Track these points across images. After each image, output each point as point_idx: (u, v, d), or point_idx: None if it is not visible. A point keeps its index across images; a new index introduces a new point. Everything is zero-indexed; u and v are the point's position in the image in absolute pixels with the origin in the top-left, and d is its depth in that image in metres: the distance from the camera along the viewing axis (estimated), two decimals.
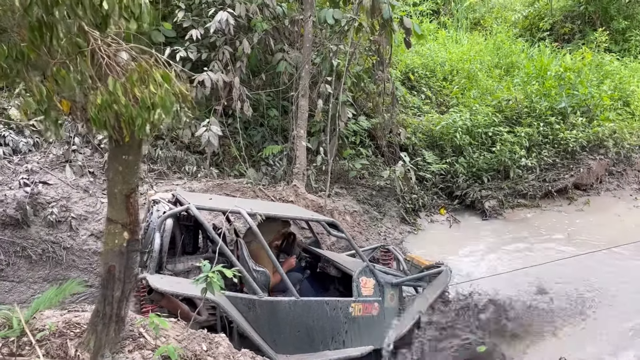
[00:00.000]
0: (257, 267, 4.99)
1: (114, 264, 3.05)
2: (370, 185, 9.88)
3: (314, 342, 5.13)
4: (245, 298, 4.78)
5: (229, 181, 8.41)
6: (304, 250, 6.61)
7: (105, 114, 2.26)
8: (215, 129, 7.89)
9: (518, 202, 10.23)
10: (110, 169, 2.88)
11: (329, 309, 5.22)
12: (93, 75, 2.25)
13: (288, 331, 4.95)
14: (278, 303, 4.92)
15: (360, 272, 5.49)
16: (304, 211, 6.28)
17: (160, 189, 7.77)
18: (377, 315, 5.57)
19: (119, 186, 2.88)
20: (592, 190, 10.59)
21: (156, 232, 4.69)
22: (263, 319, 4.79)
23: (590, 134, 10.63)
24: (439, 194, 10.54)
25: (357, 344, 5.38)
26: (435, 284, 6.15)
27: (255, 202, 6.93)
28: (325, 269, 6.23)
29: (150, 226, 5.00)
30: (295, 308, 4.97)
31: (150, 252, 4.64)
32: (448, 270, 6.29)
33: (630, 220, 9.44)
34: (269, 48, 8.54)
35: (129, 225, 3.00)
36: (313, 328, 5.11)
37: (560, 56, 14.15)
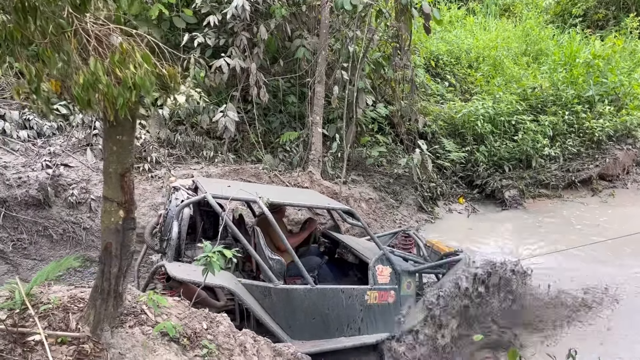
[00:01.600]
0: (273, 255, 5.08)
1: (110, 241, 3.15)
2: (388, 173, 9.85)
3: (329, 328, 5.20)
4: (261, 286, 4.87)
5: (245, 166, 8.51)
6: (323, 235, 6.66)
7: (88, 93, 2.34)
8: (232, 115, 7.98)
9: (539, 192, 10.05)
10: (105, 149, 2.97)
11: (345, 296, 5.27)
12: (76, 55, 2.32)
13: (303, 318, 5.03)
14: (293, 291, 4.98)
15: (376, 260, 5.51)
16: (321, 198, 6.28)
17: (178, 173, 7.93)
18: (393, 303, 5.59)
19: (113, 165, 2.97)
20: (618, 182, 10.30)
21: (174, 220, 4.79)
22: (278, 306, 4.88)
23: (618, 123, 10.32)
24: (459, 182, 10.43)
25: (373, 331, 5.43)
26: (453, 272, 6.10)
27: (272, 189, 6.99)
28: (343, 256, 6.27)
29: (169, 214, 5.10)
30: (310, 295, 5.04)
31: (169, 240, 4.75)
32: (466, 257, 6.22)
33: None
34: (287, 34, 8.55)
35: (124, 204, 3.09)
36: (328, 315, 5.18)
37: (591, 43, 13.73)
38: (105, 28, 2.44)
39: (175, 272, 4.40)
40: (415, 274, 5.95)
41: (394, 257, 5.81)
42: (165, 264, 4.58)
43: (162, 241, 5.11)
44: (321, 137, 8.56)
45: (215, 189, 5.06)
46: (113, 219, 3.10)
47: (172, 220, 4.83)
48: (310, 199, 5.99)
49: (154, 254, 5.52)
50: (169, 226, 4.93)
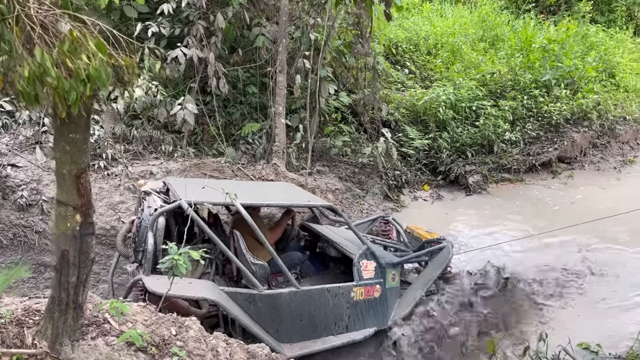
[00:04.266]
0: (256, 260, 4.93)
1: (67, 249, 2.89)
2: (352, 162, 9.73)
3: (317, 329, 5.14)
4: (245, 293, 4.76)
5: (206, 160, 8.22)
6: (302, 227, 6.51)
7: (35, 87, 2.07)
8: (191, 107, 7.67)
9: (502, 176, 10.15)
10: (56, 149, 2.69)
11: (331, 295, 5.20)
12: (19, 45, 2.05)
13: (290, 321, 4.96)
14: (279, 295, 4.89)
15: (360, 255, 5.43)
16: (299, 193, 6.14)
17: (136, 169, 7.58)
18: (379, 297, 5.54)
19: (67, 166, 2.70)
20: (576, 164, 10.53)
21: (149, 231, 4.55)
22: (264, 312, 4.77)
23: (575, 107, 10.53)
24: (423, 170, 10.41)
25: (360, 327, 5.41)
26: (437, 261, 6.07)
27: (247, 185, 6.76)
28: (325, 250, 6.15)
29: (142, 223, 4.84)
30: (296, 298, 4.96)
31: (145, 252, 4.51)
32: (450, 245, 6.20)
33: (613, 194, 9.39)
34: (245, 22, 8.26)
35: (81, 208, 2.83)
36: (315, 316, 5.12)
37: (544, 28, 13.97)
38: (52, 14, 2.17)
39: (154, 286, 4.18)
40: (399, 264, 5.89)
41: (377, 250, 5.73)
42: (142, 277, 4.35)
43: (137, 252, 4.85)
44: (285, 128, 8.35)
45: (189, 192, 4.83)
46: (69, 225, 2.83)
47: (147, 231, 4.59)
48: (288, 195, 5.82)
49: (128, 264, 5.24)
50: (143, 236, 4.69)
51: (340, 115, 9.79)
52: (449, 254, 6.07)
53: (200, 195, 4.78)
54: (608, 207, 8.53)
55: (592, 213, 8.20)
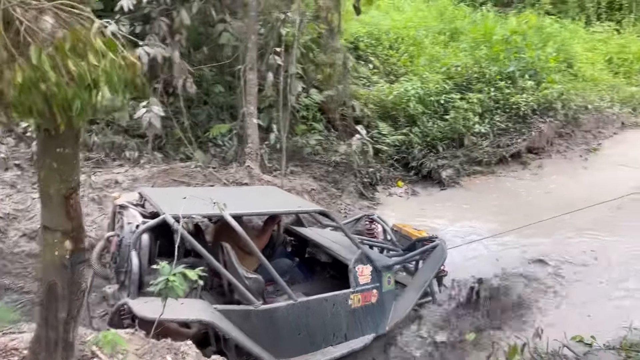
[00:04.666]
0: (249, 273, 4.59)
1: (55, 281, 2.47)
2: (325, 161, 9.46)
3: (316, 340, 4.87)
4: (240, 310, 4.43)
5: (175, 166, 7.75)
6: (287, 232, 6.17)
7: (30, 96, 1.69)
8: (157, 110, 7.18)
9: (474, 169, 10.12)
10: (41, 166, 2.28)
11: (329, 305, 4.93)
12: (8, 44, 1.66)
13: (288, 335, 4.67)
14: (276, 309, 4.59)
15: (356, 260, 5.15)
16: (289, 198, 5.82)
17: (100, 179, 7.04)
18: (376, 302, 5.29)
19: (55, 186, 2.29)
20: (544, 154, 10.63)
21: (132, 249, 4.14)
22: (261, 328, 4.46)
23: (540, 97, 10.62)
24: (395, 166, 10.26)
25: (359, 335, 5.16)
26: (431, 261, 5.86)
27: (230, 192, 6.34)
28: (315, 255, 5.84)
29: (123, 242, 4.39)
30: (293, 310, 4.66)
31: (129, 273, 4.11)
32: (443, 244, 5.99)
33: (582, 181, 9.53)
34: (211, 19, 7.83)
35: (72, 233, 2.42)
36: (314, 327, 4.84)
37: (503, 20, 14.11)
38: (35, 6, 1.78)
39: (143, 310, 3.78)
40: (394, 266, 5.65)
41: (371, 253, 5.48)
42: (128, 301, 3.91)
43: (119, 273, 4.41)
44: (257, 128, 7.98)
45: (171, 204, 4.45)
46: (58, 253, 2.42)
47: (130, 249, 4.17)
48: (276, 200, 5.49)
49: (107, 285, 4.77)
50: (125, 255, 4.26)
51: (311, 114, 9.49)
52: (443, 253, 5.88)
53: (184, 206, 4.39)
54: (580, 196, 8.61)
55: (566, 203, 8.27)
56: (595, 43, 14.22)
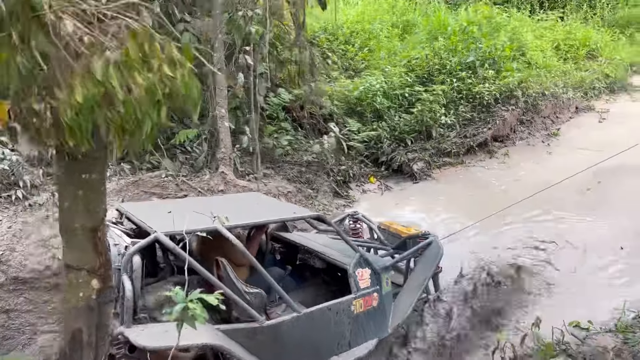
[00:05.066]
0: (249, 288, 4.27)
1: (79, 326, 2.12)
2: (296, 161, 9.19)
3: (321, 352, 4.64)
4: (244, 329, 4.12)
5: (143, 176, 7.27)
6: (273, 238, 5.86)
7: (91, 117, 1.36)
8: None
9: (443, 161, 10.12)
10: (63, 196, 1.92)
11: (332, 314, 4.70)
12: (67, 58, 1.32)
13: (293, 349, 4.40)
14: (281, 324, 4.30)
15: (355, 264, 4.94)
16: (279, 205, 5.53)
17: None
18: (377, 305, 5.10)
19: (80, 219, 1.95)
20: (508, 141, 10.78)
21: (123, 274, 3.75)
22: (266, 345, 4.17)
23: (501, 86, 10.75)
24: (365, 162, 10.11)
25: (362, 341, 4.95)
26: (427, 259, 5.70)
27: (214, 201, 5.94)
28: (308, 262, 5.57)
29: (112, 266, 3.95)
30: (298, 323, 4.39)
31: (120, 299, 3.71)
32: (437, 240, 5.84)
33: (548, 167, 9.73)
34: (173, 17, 7.38)
35: (99, 270, 2.07)
36: (318, 338, 4.61)
37: (454, 12, 14.26)
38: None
39: (142, 340, 3.40)
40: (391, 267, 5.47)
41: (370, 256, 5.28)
42: (123, 330, 3.53)
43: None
44: (229, 132, 7.60)
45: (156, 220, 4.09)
46: (83, 294, 2.08)
47: (119, 274, 3.77)
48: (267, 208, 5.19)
49: None
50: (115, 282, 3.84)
51: (279, 114, 9.19)
52: (439, 250, 5.74)
53: (172, 222, 4.06)
54: (548, 180, 8.74)
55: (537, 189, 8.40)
56: (542, 31, 14.60)
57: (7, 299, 5.69)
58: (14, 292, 5.72)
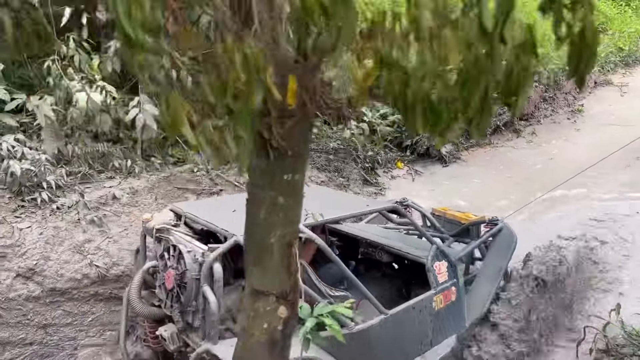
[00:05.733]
0: (335, 291, 3.91)
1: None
2: (322, 149, 8.73)
3: (406, 352, 4.33)
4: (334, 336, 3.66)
5: (173, 171, 6.75)
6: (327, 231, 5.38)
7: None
8: (151, 108, 6.16)
9: (471, 142, 9.76)
10: (258, 205, 1.46)
11: (416, 312, 4.37)
12: None
13: (381, 352, 4.08)
14: (370, 328, 3.94)
15: (433, 257, 4.57)
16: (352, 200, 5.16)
17: (92, 196, 5.94)
18: (455, 299, 4.76)
19: (278, 230, 1.49)
20: (533, 120, 10.48)
21: (204, 285, 3.41)
22: (356, 351, 3.82)
23: None
24: (389, 147, 9.69)
25: (443, 338, 4.67)
26: (499, 246, 5.31)
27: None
28: (373, 256, 5.16)
29: (187, 275, 3.50)
30: (386, 325, 4.03)
31: (200, 312, 3.43)
32: (508, 226, 5.46)
33: (581, 144, 9.45)
34: None
35: (289, 295, 1.62)
36: (403, 339, 4.28)
37: None
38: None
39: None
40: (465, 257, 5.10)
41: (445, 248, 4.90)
42: (210, 348, 3.16)
43: (185, 313, 3.55)
44: None
45: (231, 222, 3.77)
46: (268, 325, 1.62)
47: (197, 284, 3.38)
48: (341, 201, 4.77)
49: (162, 327, 3.87)
50: (191, 292, 3.39)
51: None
52: (512, 237, 5.37)
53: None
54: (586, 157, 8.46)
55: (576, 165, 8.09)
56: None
57: (44, 312, 5.19)
58: (51, 304, 5.23)
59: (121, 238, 5.71)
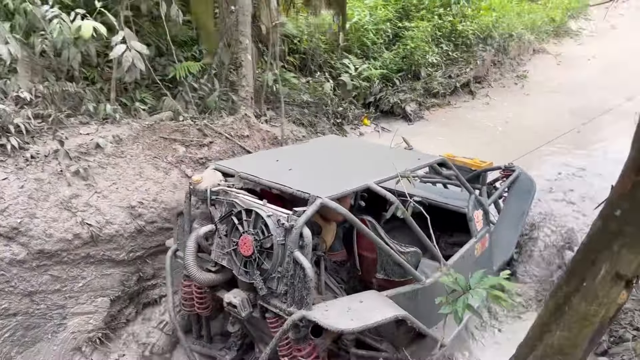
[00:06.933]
0: (405, 247, 3.76)
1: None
2: (294, 102, 8.32)
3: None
4: (408, 291, 3.71)
5: (154, 117, 6.07)
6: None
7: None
8: (140, 47, 5.41)
9: (432, 102, 9.86)
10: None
11: (465, 262, 4.38)
12: None
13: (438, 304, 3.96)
14: (436, 281, 3.88)
15: (472, 207, 4.60)
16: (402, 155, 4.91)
17: (71, 143, 5.13)
18: (488, 246, 4.87)
19: None
20: (485, 82, 10.79)
21: (295, 249, 3.13)
22: (423, 305, 3.81)
23: (482, 25, 10.59)
24: (354, 103, 9.50)
25: None
26: (518, 192, 5.38)
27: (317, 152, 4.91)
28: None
29: (272, 240, 3.17)
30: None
31: (289, 279, 3.18)
32: (525, 172, 5.54)
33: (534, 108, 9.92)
34: None
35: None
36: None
37: None
38: None
39: (336, 322, 3.04)
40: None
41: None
42: (306, 314, 3.08)
43: (270, 280, 3.23)
44: (253, 67, 6.54)
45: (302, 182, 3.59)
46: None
47: (285, 250, 3.19)
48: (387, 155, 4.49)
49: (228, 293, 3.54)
50: (277, 258, 3.17)
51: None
52: (532, 182, 5.49)
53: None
54: (543, 121, 8.95)
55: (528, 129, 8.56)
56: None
57: (29, 278, 4.48)
58: (38, 269, 4.51)
59: (111, 193, 5.02)
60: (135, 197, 5.09)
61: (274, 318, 3.36)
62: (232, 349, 4.23)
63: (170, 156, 5.61)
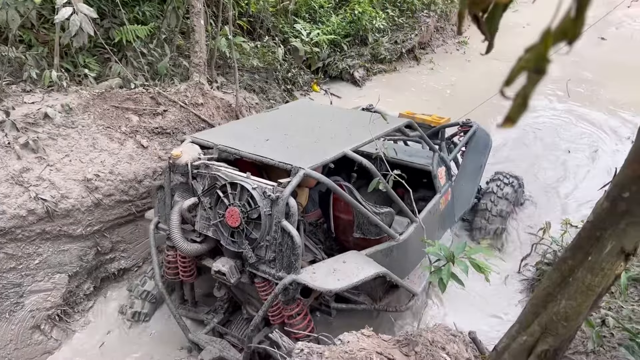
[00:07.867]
0: (379, 208, 3.96)
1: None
2: (244, 66, 8.16)
3: (422, 254, 4.53)
4: (384, 249, 3.92)
5: (102, 84, 5.78)
6: None
7: None
8: (87, 10, 5.10)
9: (379, 67, 9.95)
10: None
11: (432, 216, 4.70)
12: None
13: (411, 257, 4.38)
14: (409, 237, 4.15)
15: (436, 164, 4.87)
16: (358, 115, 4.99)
17: (16, 113, 4.83)
18: (451, 198, 5.19)
19: None
20: (428, 48, 10.98)
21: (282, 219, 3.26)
22: (397, 260, 4.07)
23: None
24: (303, 68, 9.44)
25: (442, 234, 5.14)
26: (475, 146, 5.65)
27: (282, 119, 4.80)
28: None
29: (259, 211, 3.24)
30: (416, 233, 4.26)
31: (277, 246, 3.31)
32: (482, 128, 5.81)
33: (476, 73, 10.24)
34: None
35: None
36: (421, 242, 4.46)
37: None
38: None
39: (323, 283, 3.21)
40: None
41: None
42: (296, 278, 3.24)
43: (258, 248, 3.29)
44: (205, 32, 6.31)
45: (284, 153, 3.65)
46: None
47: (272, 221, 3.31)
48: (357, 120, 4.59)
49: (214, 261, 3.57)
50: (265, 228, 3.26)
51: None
52: (488, 137, 5.79)
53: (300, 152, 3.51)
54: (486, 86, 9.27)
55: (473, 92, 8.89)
56: None
57: None
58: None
59: (64, 166, 4.80)
60: (91, 169, 4.90)
61: (263, 282, 3.49)
62: (218, 312, 4.36)
63: (124, 126, 5.41)
